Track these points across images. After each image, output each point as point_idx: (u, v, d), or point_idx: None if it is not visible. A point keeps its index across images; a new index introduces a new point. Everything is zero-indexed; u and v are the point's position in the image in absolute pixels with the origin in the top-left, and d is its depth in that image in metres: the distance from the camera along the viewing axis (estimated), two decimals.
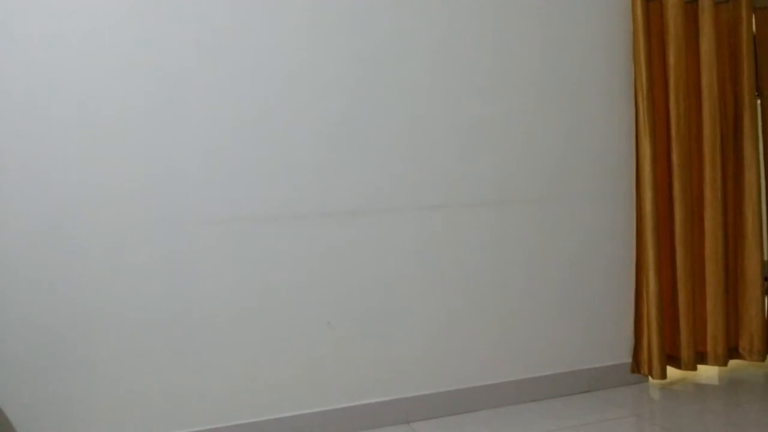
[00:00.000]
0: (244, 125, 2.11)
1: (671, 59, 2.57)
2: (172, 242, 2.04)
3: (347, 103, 2.23)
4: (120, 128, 1.99)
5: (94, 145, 1.97)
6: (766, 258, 2.82)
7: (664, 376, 2.56)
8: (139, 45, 2.00)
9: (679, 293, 2.61)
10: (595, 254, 2.58)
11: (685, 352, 2.61)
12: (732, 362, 2.79)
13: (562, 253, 2.53)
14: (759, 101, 2.81)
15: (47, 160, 1.92)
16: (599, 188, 2.58)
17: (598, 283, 2.59)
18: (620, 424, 2.22)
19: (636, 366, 2.62)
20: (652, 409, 2.40)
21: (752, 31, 2.73)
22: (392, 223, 2.29)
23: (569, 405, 2.42)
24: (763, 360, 2.74)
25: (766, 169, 2.82)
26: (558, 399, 2.49)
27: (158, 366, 2.04)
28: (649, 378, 2.64)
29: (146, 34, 2.00)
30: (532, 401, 2.47)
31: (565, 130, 2.52)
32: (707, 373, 2.76)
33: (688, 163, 2.61)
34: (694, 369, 2.63)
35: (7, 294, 1.90)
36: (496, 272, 2.43)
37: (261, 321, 2.15)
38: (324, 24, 2.19)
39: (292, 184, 2.17)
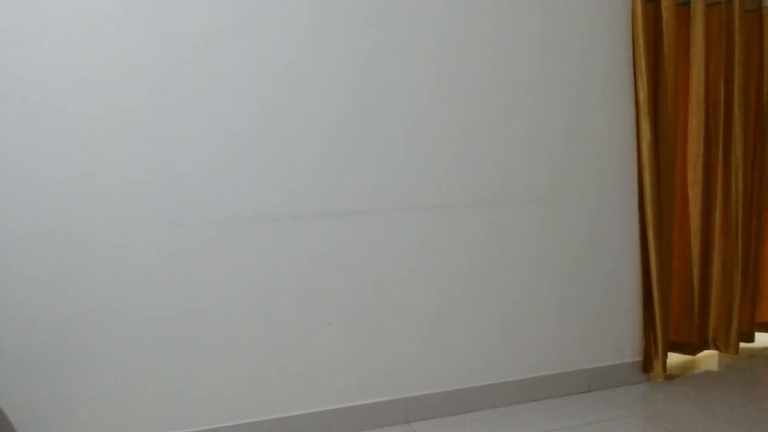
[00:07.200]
0: (244, 125, 2.11)
1: (665, 60, 2.59)
2: (172, 242, 2.04)
3: (347, 103, 2.23)
4: (120, 128, 1.99)
5: (95, 145, 1.97)
6: None
7: (664, 372, 2.58)
8: (139, 45, 2.00)
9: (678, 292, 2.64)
10: (596, 254, 2.58)
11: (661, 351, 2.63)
12: (732, 362, 2.80)
13: (562, 252, 2.53)
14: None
15: (47, 160, 1.92)
16: (599, 188, 2.57)
17: (599, 283, 2.59)
18: (621, 424, 2.22)
19: (637, 365, 2.62)
20: (653, 408, 2.40)
21: (744, 34, 2.75)
22: (392, 223, 2.29)
23: (569, 405, 2.42)
24: (737, 352, 2.79)
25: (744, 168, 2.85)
26: (558, 399, 2.48)
27: (158, 366, 2.04)
28: (650, 377, 2.64)
29: (146, 33, 2.00)
30: (532, 401, 2.46)
31: (565, 130, 2.52)
32: (708, 372, 2.76)
33: (672, 161, 2.66)
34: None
35: (7, 294, 1.90)
36: (496, 272, 2.43)
37: (261, 321, 2.14)
38: (324, 24, 2.19)
39: (292, 184, 2.17)
